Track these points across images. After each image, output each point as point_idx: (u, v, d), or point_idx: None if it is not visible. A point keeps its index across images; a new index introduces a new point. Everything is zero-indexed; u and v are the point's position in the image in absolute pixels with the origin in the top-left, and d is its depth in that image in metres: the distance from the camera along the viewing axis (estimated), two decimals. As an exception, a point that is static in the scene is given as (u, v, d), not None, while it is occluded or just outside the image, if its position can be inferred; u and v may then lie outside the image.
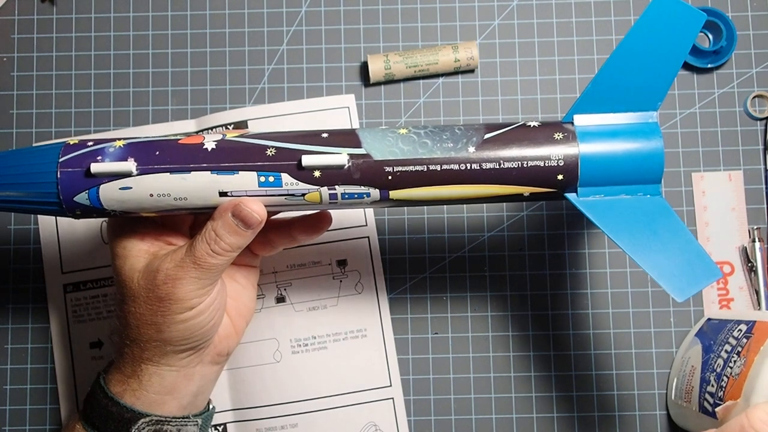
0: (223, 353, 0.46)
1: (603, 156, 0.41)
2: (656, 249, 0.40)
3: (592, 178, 0.41)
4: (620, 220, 0.41)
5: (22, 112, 0.58)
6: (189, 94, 0.58)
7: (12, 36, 0.58)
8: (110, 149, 0.41)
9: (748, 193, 0.56)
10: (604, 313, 0.56)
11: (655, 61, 0.41)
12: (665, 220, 0.41)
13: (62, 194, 0.41)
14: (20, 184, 0.41)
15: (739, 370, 0.42)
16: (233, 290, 0.47)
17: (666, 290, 0.39)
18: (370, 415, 0.55)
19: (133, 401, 0.43)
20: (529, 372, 0.56)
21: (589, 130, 0.41)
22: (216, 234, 0.41)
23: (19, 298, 0.57)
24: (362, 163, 0.40)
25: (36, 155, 0.41)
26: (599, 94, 0.42)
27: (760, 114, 0.57)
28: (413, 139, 0.41)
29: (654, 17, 0.41)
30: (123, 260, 0.43)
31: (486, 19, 0.58)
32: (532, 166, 0.40)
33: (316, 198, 0.41)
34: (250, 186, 0.40)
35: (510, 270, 0.56)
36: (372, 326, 0.56)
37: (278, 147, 0.41)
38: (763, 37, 0.57)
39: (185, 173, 0.40)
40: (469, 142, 0.41)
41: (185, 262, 0.41)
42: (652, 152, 0.41)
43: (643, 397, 0.55)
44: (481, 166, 0.40)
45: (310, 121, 0.57)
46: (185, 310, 0.41)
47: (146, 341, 0.42)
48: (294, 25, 0.58)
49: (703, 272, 0.40)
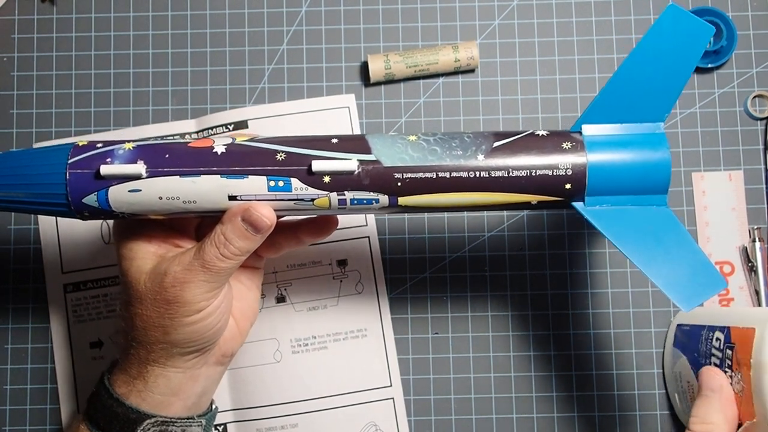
0: (227, 354, 0.46)
1: (610, 166, 0.41)
2: (662, 259, 0.41)
3: (600, 188, 0.41)
4: (626, 230, 0.41)
5: (22, 112, 0.58)
6: (189, 94, 0.58)
7: (12, 36, 0.58)
8: (120, 151, 0.41)
9: (748, 193, 0.56)
10: (604, 313, 0.56)
11: (663, 73, 0.42)
12: (671, 230, 0.41)
13: (71, 196, 0.40)
14: (29, 185, 0.41)
15: (740, 387, 0.42)
16: (238, 292, 0.47)
17: (672, 299, 0.40)
18: (371, 415, 0.55)
19: (138, 402, 0.43)
20: (530, 372, 0.56)
21: (596, 140, 0.41)
22: (225, 238, 0.41)
23: (19, 298, 0.57)
24: (372, 169, 0.40)
25: (45, 156, 0.41)
26: (607, 104, 0.42)
27: (761, 114, 0.57)
28: (423, 146, 0.41)
29: (663, 29, 0.42)
30: (130, 262, 0.43)
31: (486, 19, 0.58)
32: (540, 175, 0.40)
33: (325, 203, 0.41)
34: (259, 190, 0.40)
35: (510, 270, 0.56)
36: (372, 326, 0.56)
37: (288, 152, 0.40)
38: (763, 37, 0.57)
39: (195, 176, 0.40)
40: (479, 149, 0.41)
41: (193, 265, 0.41)
42: (659, 163, 0.41)
43: (643, 397, 0.55)
44: (490, 174, 0.40)
45: (311, 120, 0.57)
46: (193, 313, 0.41)
47: (153, 343, 0.42)
48: (294, 25, 0.58)
49: (708, 282, 0.40)
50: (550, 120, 0.57)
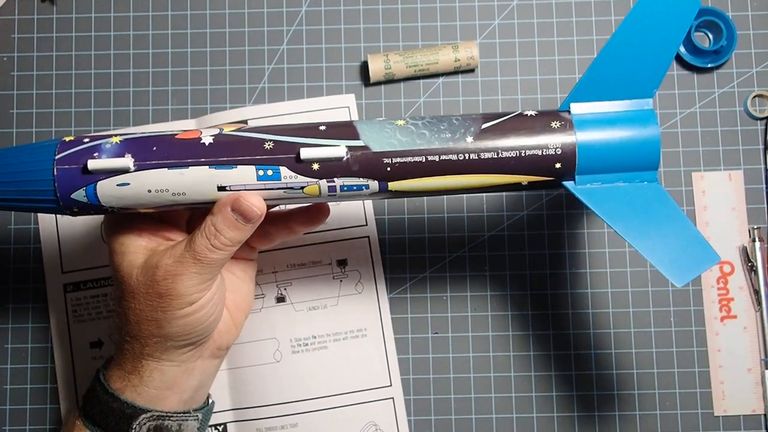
0: (222, 347, 0.46)
1: (600, 143, 0.41)
2: (654, 235, 0.40)
3: (590, 166, 0.41)
4: (618, 207, 0.41)
5: (22, 112, 0.58)
6: (189, 94, 0.58)
7: (12, 36, 0.58)
8: (107, 145, 0.41)
9: (748, 192, 0.56)
10: (604, 313, 0.56)
11: (650, 48, 0.42)
12: (663, 206, 0.41)
13: (59, 191, 0.40)
14: (16, 182, 0.41)
15: None
16: (231, 284, 0.47)
17: (665, 275, 0.40)
18: (370, 414, 0.55)
19: (134, 397, 0.43)
20: (530, 372, 0.56)
21: (585, 118, 0.42)
22: (216, 229, 0.41)
23: (19, 298, 0.57)
24: (360, 155, 0.40)
25: (32, 152, 0.41)
26: (595, 82, 0.42)
27: (761, 114, 0.57)
28: (411, 130, 0.41)
29: (649, 4, 0.42)
30: (121, 257, 0.43)
31: (486, 18, 0.58)
32: (530, 155, 0.41)
33: (315, 191, 0.41)
34: (248, 180, 0.40)
35: (510, 270, 0.56)
36: (372, 326, 0.56)
37: (276, 140, 0.40)
38: (763, 36, 0.57)
39: (183, 168, 0.40)
40: (467, 132, 0.41)
41: (185, 257, 0.41)
42: (648, 139, 0.41)
43: (643, 397, 0.55)
44: (480, 155, 0.40)
45: (311, 120, 0.57)
46: (185, 305, 0.41)
47: (146, 337, 0.42)
48: (294, 25, 0.58)
49: (701, 257, 0.40)
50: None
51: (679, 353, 0.55)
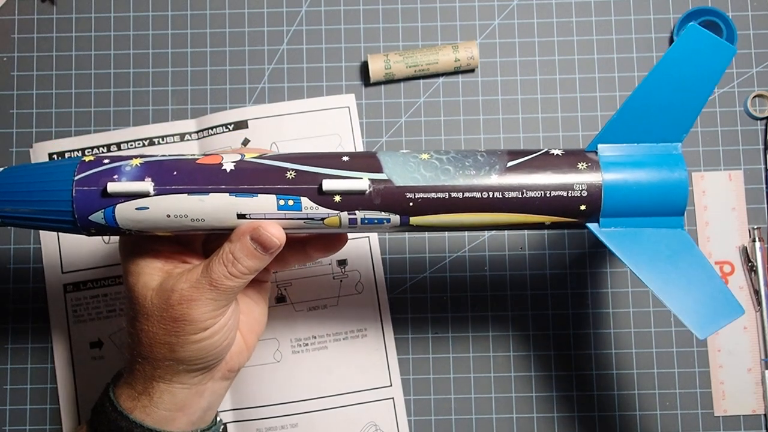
0: (234, 369, 0.45)
1: (626, 187, 0.40)
2: (677, 283, 0.40)
3: (615, 209, 0.40)
4: (642, 253, 0.40)
5: (22, 112, 0.58)
6: (189, 94, 0.58)
7: (12, 36, 0.58)
8: (127, 168, 0.40)
9: (748, 192, 0.56)
10: (604, 313, 0.56)
11: (683, 93, 0.41)
12: (687, 254, 0.40)
13: (77, 213, 0.40)
14: (34, 201, 0.40)
15: None
16: (245, 306, 0.46)
17: (687, 326, 0.39)
18: (370, 415, 0.55)
19: (143, 417, 0.42)
20: (530, 372, 0.56)
21: (612, 161, 0.41)
22: (234, 257, 0.40)
23: (19, 298, 0.57)
24: (383, 188, 0.39)
25: (51, 172, 0.40)
26: (624, 124, 0.41)
27: (761, 114, 0.57)
28: (435, 165, 0.40)
29: (684, 49, 0.41)
30: (136, 277, 0.42)
31: (486, 18, 0.58)
32: (555, 196, 0.40)
33: (335, 222, 0.40)
34: (269, 209, 0.40)
35: (510, 270, 0.56)
36: (372, 326, 0.56)
37: (298, 170, 0.40)
38: (763, 36, 0.57)
39: (203, 195, 0.39)
40: (492, 169, 0.40)
41: (201, 283, 0.40)
42: (675, 184, 0.40)
43: (643, 397, 0.55)
44: (504, 194, 0.40)
45: (311, 120, 0.57)
46: (200, 331, 0.41)
47: (159, 360, 0.42)
48: (294, 25, 0.58)
49: (725, 309, 0.39)
50: (550, 120, 0.57)
51: (679, 353, 0.55)
